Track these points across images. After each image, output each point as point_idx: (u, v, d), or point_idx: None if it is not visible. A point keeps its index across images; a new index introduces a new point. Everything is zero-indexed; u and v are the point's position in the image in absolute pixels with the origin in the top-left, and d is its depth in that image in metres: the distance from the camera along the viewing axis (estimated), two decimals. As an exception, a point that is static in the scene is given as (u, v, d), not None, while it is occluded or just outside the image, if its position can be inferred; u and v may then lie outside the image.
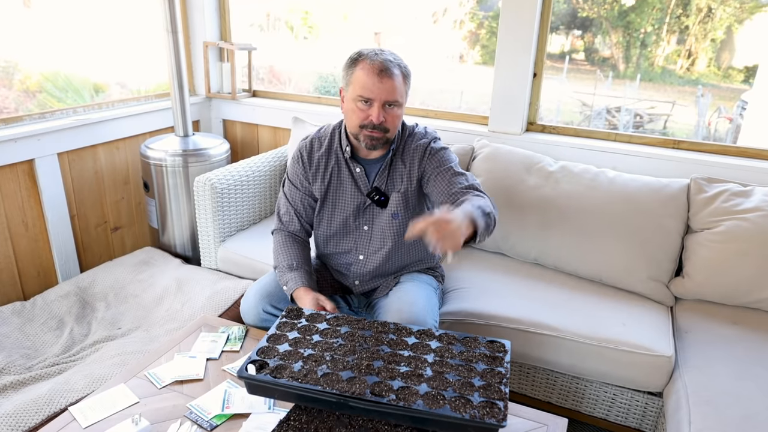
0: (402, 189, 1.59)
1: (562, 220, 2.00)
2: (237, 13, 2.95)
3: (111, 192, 2.56)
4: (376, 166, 1.60)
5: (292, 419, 1.17)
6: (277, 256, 1.66)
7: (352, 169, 1.60)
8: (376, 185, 1.60)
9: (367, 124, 1.48)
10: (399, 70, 1.47)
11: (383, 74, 1.43)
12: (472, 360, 1.24)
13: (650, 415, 1.72)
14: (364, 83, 1.44)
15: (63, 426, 1.21)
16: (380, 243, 1.65)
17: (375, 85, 1.43)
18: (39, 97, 2.41)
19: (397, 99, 1.47)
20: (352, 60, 1.49)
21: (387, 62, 1.45)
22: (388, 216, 1.61)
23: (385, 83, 1.44)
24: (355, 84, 1.46)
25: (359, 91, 1.46)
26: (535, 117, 2.41)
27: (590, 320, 1.73)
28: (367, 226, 1.65)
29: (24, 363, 1.71)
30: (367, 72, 1.44)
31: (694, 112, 3.98)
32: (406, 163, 1.59)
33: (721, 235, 1.84)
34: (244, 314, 1.62)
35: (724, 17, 3.03)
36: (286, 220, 1.70)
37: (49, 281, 2.33)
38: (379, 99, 1.45)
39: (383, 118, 1.46)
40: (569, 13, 3.30)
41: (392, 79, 1.44)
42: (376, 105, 1.45)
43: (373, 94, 1.44)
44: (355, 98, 1.47)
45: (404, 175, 1.59)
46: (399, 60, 1.50)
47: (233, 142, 3.03)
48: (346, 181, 1.62)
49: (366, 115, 1.47)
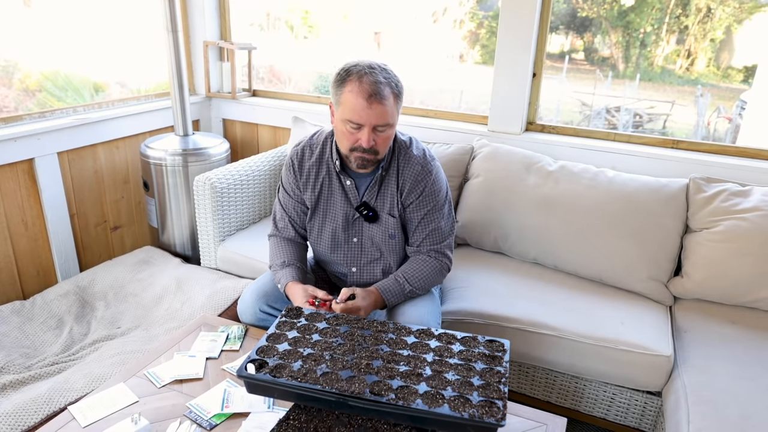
0: (394, 212, 1.56)
1: (562, 220, 2.00)
2: (237, 13, 2.95)
3: (111, 191, 2.56)
4: (367, 179, 1.56)
5: (291, 418, 1.17)
6: (271, 257, 1.66)
7: (343, 181, 1.56)
8: (365, 200, 1.56)
9: (357, 147, 1.43)
10: (390, 91, 1.39)
11: (372, 99, 1.35)
12: (471, 359, 1.24)
13: (649, 414, 1.72)
14: (353, 107, 1.37)
15: (62, 425, 1.21)
16: (372, 256, 1.63)
17: (364, 110, 1.36)
18: (39, 96, 2.41)
19: (388, 122, 1.40)
20: (340, 78, 1.40)
21: (377, 84, 1.36)
22: (383, 235, 1.59)
23: (375, 108, 1.36)
24: (344, 106, 1.39)
25: (348, 115, 1.39)
26: (534, 117, 2.41)
27: (589, 320, 1.74)
28: (356, 239, 1.62)
29: (23, 362, 1.71)
30: (355, 95, 1.36)
31: (693, 111, 3.97)
32: (398, 182, 1.55)
33: (720, 235, 1.84)
34: (241, 314, 1.62)
35: (723, 17, 3.03)
36: (281, 227, 1.69)
37: (48, 280, 2.33)
38: (368, 124, 1.38)
39: (373, 142, 1.41)
40: (569, 13, 3.30)
41: (382, 103, 1.37)
42: (365, 130, 1.39)
43: (362, 119, 1.37)
44: (344, 121, 1.41)
45: (395, 195, 1.55)
46: (390, 78, 1.41)
47: (233, 141, 3.03)
48: (337, 192, 1.58)
49: (356, 138, 1.42)
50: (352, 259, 1.64)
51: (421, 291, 1.57)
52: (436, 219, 1.57)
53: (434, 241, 1.58)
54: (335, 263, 1.68)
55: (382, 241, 1.60)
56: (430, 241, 1.58)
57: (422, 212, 1.56)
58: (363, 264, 1.64)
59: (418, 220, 1.57)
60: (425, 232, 1.58)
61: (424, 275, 1.56)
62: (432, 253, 1.58)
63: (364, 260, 1.64)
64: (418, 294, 1.57)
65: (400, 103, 1.45)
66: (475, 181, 2.18)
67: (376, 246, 1.61)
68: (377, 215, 1.57)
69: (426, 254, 1.58)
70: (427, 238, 1.58)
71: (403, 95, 1.46)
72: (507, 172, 2.13)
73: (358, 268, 1.65)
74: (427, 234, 1.58)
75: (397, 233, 1.59)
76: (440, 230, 1.58)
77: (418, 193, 1.54)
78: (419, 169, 1.54)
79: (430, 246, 1.58)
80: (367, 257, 1.63)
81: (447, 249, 1.61)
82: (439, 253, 1.59)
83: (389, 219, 1.57)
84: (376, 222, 1.58)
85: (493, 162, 2.17)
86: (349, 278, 1.68)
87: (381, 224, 1.58)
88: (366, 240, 1.61)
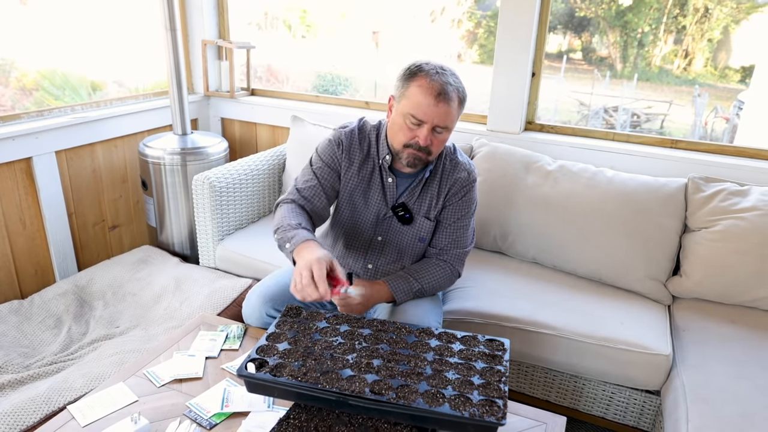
0: (431, 215, 1.56)
1: (561, 220, 2.01)
2: (235, 12, 2.94)
3: (109, 190, 2.56)
4: (408, 180, 1.54)
5: (291, 418, 1.17)
6: (281, 219, 1.45)
7: (385, 178, 1.54)
8: (403, 201, 1.54)
9: (412, 144, 1.41)
10: (456, 95, 1.37)
11: (440, 98, 1.34)
12: (471, 358, 1.24)
13: (648, 413, 1.73)
14: (419, 102, 1.35)
15: (61, 425, 1.21)
16: (393, 257, 1.61)
17: (430, 107, 1.34)
18: (36, 95, 2.40)
19: (448, 124, 1.39)
20: (410, 72, 1.38)
21: (447, 85, 1.35)
22: (413, 238, 1.58)
23: (441, 108, 1.35)
24: (410, 100, 1.37)
25: (412, 110, 1.36)
26: (533, 116, 2.41)
27: (588, 319, 1.74)
28: (381, 237, 1.59)
29: (22, 362, 1.71)
30: (424, 91, 1.34)
31: (691, 111, 3.98)
32: (440, 187, 1.54)
33: (719, 234, 1.85)
34: (247, 317, 1.58)
35: (720, 17, 3.04)
36: (306, 195, 1.53)
37: (46, 280, 2.32)
38: (431, 122, 1.36)
39: (430, 141, 1.39)
40: (567, 13, 3.31)
41: (448, 104, 1.35)
42: (426, 127, 1.37)
43: (426, 116, 1.35)
44: (406, 115, 1.38)
45: (434, 199, 1.55)
46: (459, 83, 1.39)
47: (232, 140, 3.03)
48: (376, 187, 1.55)
49: (413, 135, 1.39)
50: (372, 257, 1.62)
51: (428, 292, 1.56)
52: (464, 226, 1.58)
53: (457, 246, 1.58)
54: (351, 258, 1.64)
55: (408, 244, 1.59)
56: (454, 246, 1.58)
57: (456, 216, 1.56)
58: (381, 264, 1.62)
59: (450, 222, 1.57)
60: (452, 237, 1.58)
61: (435, 278, 1.55)
62: (450, 259, 1.58)
63: (382, 260, 1.62)
64: (425, 295, 1.57)
65: (462, 110, 1.43)
66: (474, 181, 2.18)
67: (398, 248, 1.60)
68: (413, 217, 1.56)
69: (442, 260, 1.58)
70: (452, 243, 1.58)
71: (465, 105, 1.44)
72: (506, 171, 2.13)
73: (375, 266, 1.62)
74: (453, 239, 1.58)
75: (428, 237, 1.59)
76: (465, 237, 1.59)
77: (459, 197, 1.55)
78: (465, 176, 1.55)
79: (453, 251, 1.58)
80: (387, 258, 1.61)
81: (464, 257, 1.61)
82: (456, 260, 1.59)
83: (424, 222, 1.56)
84: (410, 224, 1.57)
85: (492, 161, 2.17)
86: (363, 275, 1.64)
87: (414, 227, 1.57)
88: (391, 240, 1.59)
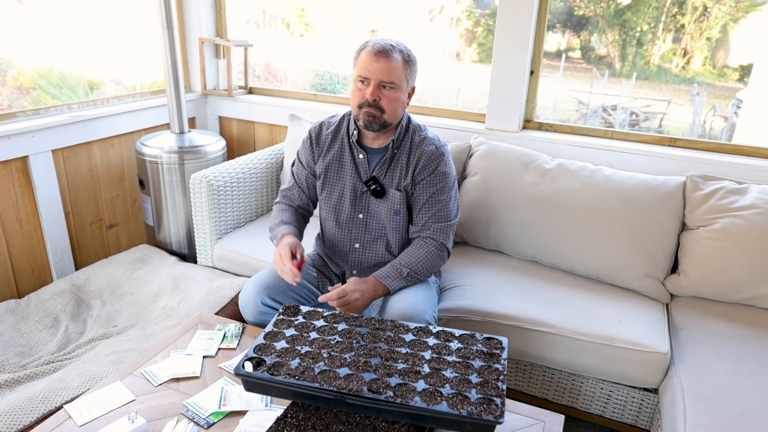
0: (402, 186, 1.62)
1: (559, 218, 2.01)
2: (232, 10, 2.93)
3: (106, 189, 2.55)
4: (378, 155, 1.64)
5: (289, 416, 1.17)
6: (272, 219, 1.73)
7: (355, 154, 1.64)
8: (374, 175, 1.63)
9: (363, 103, 1.52)
10: (399, 54, 1.51)
11: (380, 54, 1.48)
12: (469, 357, 1.24)
13: (646, 411, 1.73)
14: (363, 63, 1.51)
15: (58, 424, 1.20)
16: (377, 233, 1.68)
17: (372, 64, 1.49)
18: (33, 93, 2.39)
19: (392, 80, 1.50)
20: (359, 48, 1.55)
21: (387, 45, 1.50)
22: (389, 211, 1.64)
23: (382, 63, 1.48)
24: (358, 67, 1.53)
25: (358, 72, 1.52)
26: (532, 115, 2.41)
27: (586, 317, 1.74)
28: (362, 215, 1.67)
29: (19, 361, 1.70)
30: (366, 53, 1.50)
31: (689, 110, 3.98)
32: (408, 159, 1.62)
33: (717, 233, 1.85)
34: (243, 307, 1.61)
35: (719, 16, 3.03)
36: (289, 194, 1.78)
37: (43, 279, 2.32)
38: (374, 78, 1.49)
39: (377, 97, 1.50)
40: (566, 12, 3.30)
41: (389, 59, 1.49)
42: (372, 84, 1.50)
43: (369, 73, 1.49)
44: (356, 79, 1.54)
45: (403, 170, 1.62)
46: (402, 46, 1.54)
47: (229, 139, 3.02)
48: (348, 164, 1.65)
49: (363, 94, 1.52)
50: (357, 235, 1.70)
51: (420, 275, 1.59)
52: (443, 200, 1.62)
53: (438, 219, 1.62)
54: (339, 240, 1.72)
55: (387, 218, 1.65)
56: (435, 220, 1.62)
57: (430, 191, 1.61)
58: (366, 241, 1.69)
59: (426, 198, 1.62)
60: (431, 211, 1.62)
61: (421, 258, 1.59)
62: (433, 235, 1.62)
63: (367, 237, 1.69)
64: (418, 279, 1.60)
65: (411, 71, 1.56)
66: (472, 179, 2.18)
67: (380, 223, 1.67)
68: (384, 190, 1.62)
69: (427, 237, 1.62)
70: (433, 217, 1.62)
71: (416, 66, 1.57)
72: (504, 169, 2.13)
73: (362, 245, 1.70)
74: (432, 214, 1.62)
75: (402, 210, 1.64)
76: (446, 211, 1.63)
77: (429, 171, 1.61)
78: (433, 150, 1.62)
79: (434, 225, 1.62)
80: (371, 234, 1.69)
81: (449, 231, 1.64)
82: (440, 234, 1.62)
83: (395, 194, 1.62)
84: (383, 197, 1.63)
85: (491, 160, 2.17)
86: (351, 255, 1.71)
87: (387, 199, 1.63)
88: (371, 216, 1.67)
